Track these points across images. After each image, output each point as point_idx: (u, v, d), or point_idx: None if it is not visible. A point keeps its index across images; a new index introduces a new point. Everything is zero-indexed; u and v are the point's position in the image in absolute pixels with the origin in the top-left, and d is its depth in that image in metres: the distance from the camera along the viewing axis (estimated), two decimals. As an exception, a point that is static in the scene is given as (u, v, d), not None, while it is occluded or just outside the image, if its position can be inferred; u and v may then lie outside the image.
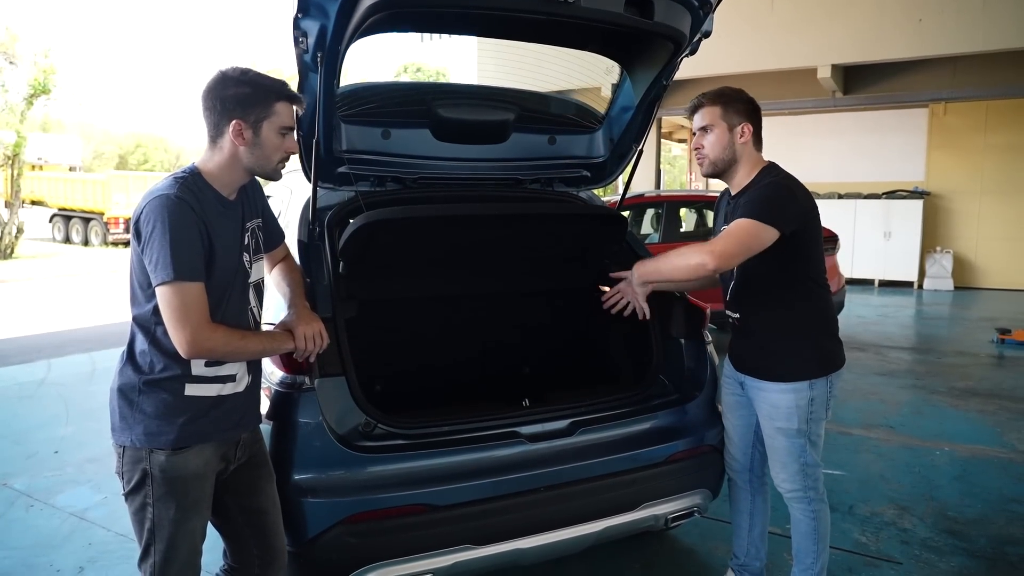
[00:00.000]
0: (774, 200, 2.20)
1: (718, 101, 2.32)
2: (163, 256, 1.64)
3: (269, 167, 1.86)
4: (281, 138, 1.83)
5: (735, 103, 2.31)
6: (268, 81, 1.81)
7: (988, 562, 3.04)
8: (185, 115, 75.63)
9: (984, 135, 12.56)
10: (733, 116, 2.30)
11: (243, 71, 1.79)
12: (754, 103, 2.35)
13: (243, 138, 1.79)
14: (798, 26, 10.49)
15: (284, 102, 1.82)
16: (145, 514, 1.77)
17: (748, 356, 2.43)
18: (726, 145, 2.31)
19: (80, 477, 4.01)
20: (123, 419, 1.78)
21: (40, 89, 18.89)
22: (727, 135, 2.30)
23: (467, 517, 2.19)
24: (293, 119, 1.86)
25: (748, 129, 2.30)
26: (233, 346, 1.78)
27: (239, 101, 1.77)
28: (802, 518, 2.43)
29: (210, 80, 1.79)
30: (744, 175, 2.35)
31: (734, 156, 2.33)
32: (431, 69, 37.18)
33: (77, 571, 2.98)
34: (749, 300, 2.39)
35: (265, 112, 1.79)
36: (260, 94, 1.79)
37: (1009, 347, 7.60)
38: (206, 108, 1.79)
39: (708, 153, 2.35)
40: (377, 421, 2.27)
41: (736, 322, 2.45)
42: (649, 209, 8.53)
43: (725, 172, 2.37)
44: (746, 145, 2.32)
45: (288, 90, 1.84)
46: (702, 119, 2.34)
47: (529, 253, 3.11)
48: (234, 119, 1.77)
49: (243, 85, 1.77)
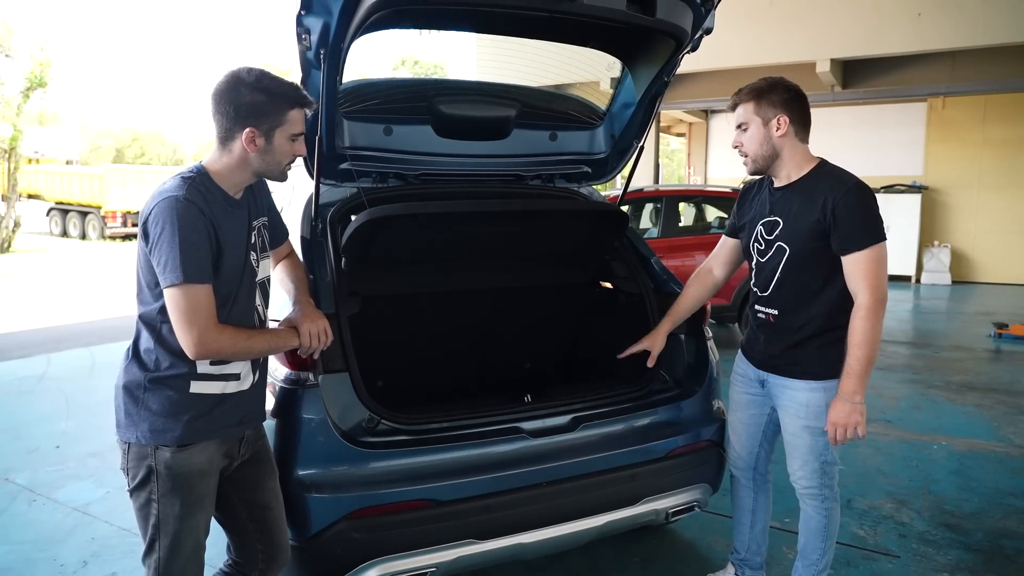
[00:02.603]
0: (876, 213, 2.16)
1: (751, 96, 2.24)
2: (172, 259, 1.65)
3: (277, 171, 1.87)
4: (291, 143, 1.84)
5: (769, 95, 2.22)
6: (282, 88, 1.79)
7: (985, 555, 3.06)
8: (182, 109, 75.47)
9: (983, 129, 12.59)
10: (767, 109, 2.22)
11: (258, 77, 1.76)
12: (794, 91, 2.25)
13: (255, 145, 1.78)
14: (797, 20, 10.47)
15: (297, 109, 1.82)
16: (150, 510, 1.79)
17: (778, 354, 2.34)
18: (763, 140, 2.24)
19: (82, 472, 4.02)
20: (128, 416, 1.79)
21: (36, 82, 18.82)
22: (762, 130, 2.23)
23: (470, 512, 2.20)
24: (304, 124, 1.86)
25: (784, 120, 2.21)
26: (240, 346, 1.79)
27: (253, 109, 1.75)
28: (814, 515, 2.40)
29: (222, 81, 1.76)
30: (792, 169, 2.27)
31: (774, 151, 2.25)
32: (429, 63, 37.08)
33: (81, 565, 2.99)
34: (792, 299, 2.29)
35: (278, 121, 1.79)
36: (274, 103, 1.77)
37: (1006, 341, 7.64)
38: (218, 111, 1.77)
39: (747, 151, 2.28)
40: (380, 417, 2.28)
41: (770, 319, 2.35)
42: (648, 203, 8.53)
43: (769, 167, 2.29)
44: (785, 137, 2.23)
45: (302, 97, 1.83)
46: (738, 117, 2.29)
47: (530, 249, 3.12)
48: (247, 127, 1.76)
49: (258, 92, 1.75)
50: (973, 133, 12.62)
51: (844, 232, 2.14)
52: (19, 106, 19.21)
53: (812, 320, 2.26)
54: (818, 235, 2.18)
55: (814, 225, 2.18)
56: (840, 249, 2.16)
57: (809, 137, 2.30)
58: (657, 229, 7.83)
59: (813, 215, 2.18)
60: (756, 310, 2.42)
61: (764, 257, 2.34)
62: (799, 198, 2.24)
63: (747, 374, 2.50)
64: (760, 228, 2.35)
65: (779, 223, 2.28)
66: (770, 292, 2.33)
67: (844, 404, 2.15)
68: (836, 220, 2.14)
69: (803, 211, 2.22)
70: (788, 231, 2.26)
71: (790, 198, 2.27)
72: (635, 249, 3.04)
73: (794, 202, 2.25)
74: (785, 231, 2.26)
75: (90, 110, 64.60)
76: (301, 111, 1.83)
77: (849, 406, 2.14)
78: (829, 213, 2.14)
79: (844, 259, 2.16)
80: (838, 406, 2.16)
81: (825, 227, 2.16)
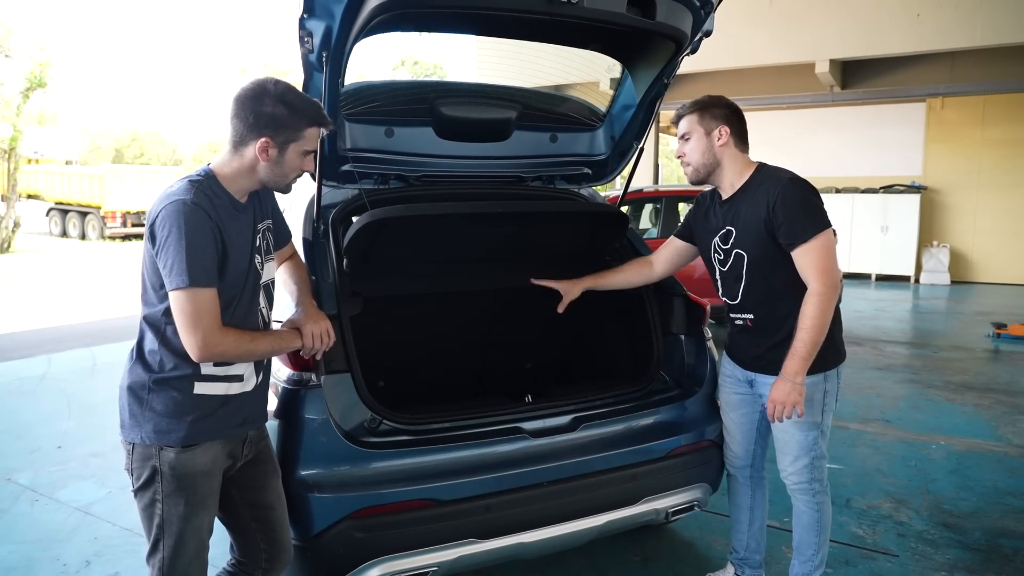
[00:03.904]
0: (814, 203, 2.24)
1: (694, 109, 2.39)
2: (178, 262, 1.67)
3: (283, 183, 1.89)
4: (302, 159, 1.86)
5: (711, 108, 2.36)
6: (305, 106, 1.81)
7: (983, 554, 3.08)
8: (181, 109, 75.46)
9: (981, 130, 12.61)
10: (709, 121, 2.35)
11: (284, 91, 1.78)
12: (732, 107, 2.39)
13: (267, 155, 1.80)
14: (796, 21, 10.50)
15: (315, 128, 1.84)
16: (154, 510, 1.80)
17: (762, 354, 2.40)
18: (705, 150, 2.36)
19: (84, 472, 4.04)
20: (133, 417, 1.80)
21: (36, 83, 18.85)
22: (705, 140, 2.36)
23: (471, 512, 2.22)
24: (317, 143, 1.88)
25: (726, 131, 2.34)
26: (243, 349, 1.81)
27: (272, 120, 1.77)
28: (806, 510, 2.45)
29: (248, 88, 1.78)
30: (734, 176, 2.37)
31: (715, 159, 2.36)
32: (428, 63, 37.08)
33: (83, 565, 3.01)
34: (765, 300, 2.36)
35: (295, 136, 1.81)
36: (295, 119, 1.79)
37: (1005, 341, 7.66)
38: (237, 116, 1.79)
39: (690, 160, 2.40)
40: (382, 417, 2.29)
41: (748, 323, 2.41)
42: (648, 204, 8.55)
43: (711, 175, 2.40)
44: (726, 147, 2.35)
45: (323, 117, 1.85)
46: (682, 128, 2.42)
47: (531, 250, 3.13)
48: (263, 136, 1.78)
49: (281, 105, 1.77)
50: (972, 133, 12.65)
51: (786, 227, 2.22)
52: (19, 106, 19.25)
53: (789, 317, 2.31)
54: (768, 235, 2.27)
55: (762, 227, 2.27)
56: (787, 244, 2.24)
57: (748, 149, 2.41)
58: (657, 229, 7.85)
59: (760, 217, 2.27)
60: (732, 317, 2.49)
61: (726, 267, 2.42)
62: (745, 204, 2.34)
63: (735, 375, 2.54)
64: (716, 240, 2.44)
65: (732, 231, 2.38)
66: (740, 299, 2.41)
67: (785, 383, 2.22)
68: (777, 217, 2.23)
69: (750, 215, 2.31)
70: (741, 237, 2.35)
71: (737, 206, 2.37)
72: (635, 250, 3.05)
73: (741, 209, 2.35)
74: (739, 238, 2.36)
75: (90, 110, 64.66)
76: (318, 130, 1.85)
77: (790, 385, 2.21)
78: (771, 211, 2.24)
79: (793, 253, 2.24)
80: (779, 385, 2.23)
81: (772, 226, 2.25)
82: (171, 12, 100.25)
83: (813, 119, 13.72)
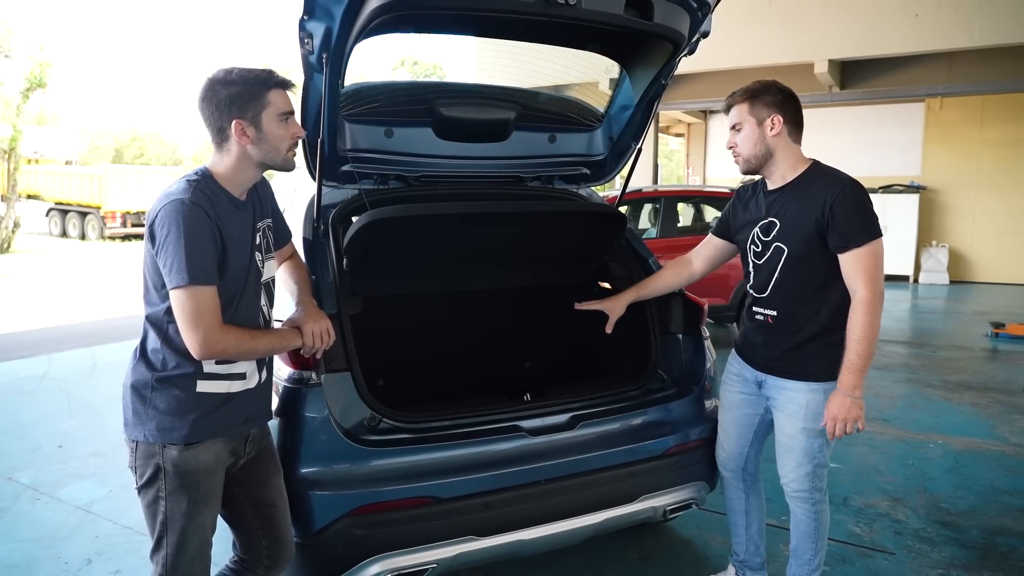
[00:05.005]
0: (871, 210, 2.18)
1: (745, 97, 2.28)
2: (177, 261, 1.68)
3: (279, 157, 1.88)
4: (284, 124, 1.85)
5: (763, 96, 2.26)
6: (255, 73, 1.82)
7: (979, 552, 3.10)
8: (180, 109, 75.40)
9: (980, 130, 12.63)
10: (762, 109, 2.25)
11: (227, 71, 1.81)
12: (787, 92, 2.28)
13: (247, 136, 1.81)
14: (795, 21, 10.51)
15: (276, 89, 1.84)
16: (158, 507, 1.82)
17: (778, 355, 2.34)
18: (757, 140, 2.27)
19: (84, 471, 4.05)
20: (136, 415, 1.82)
21: (36, 83, 18.85)
22: (756, 130, 2.26)
23: (470, 509, 2.23)
24: (290, 103, 1.87)
25: (779, 120, 2.24)
26: (244, 346, 1.82)
27: (232, 100, 1.79)
28: (804, 518, 2.41)
29: (201, 90, 1.81)
30: (787, 169, 2.30)
31: (768, 150, 2.28)
32: (428, 63, 37.09)
33: (85, 563, 3.02)
34: (790, 299, 2.30)
35: (260, 104, 1.81)
36: (250, 88, 1.80)
37: (1003, 341, 7.67)
38: (205, 116, 1.82)
39: (741, 151, 2.31)
40: (382, 416, 2.31)
41: (769, 320, 2.35)
42: (647, 204, 8.56)
43: (763, 167, 2.32)
44: (779, 137, 2.26)
45: (277, 77, 1.85)
46: (733, 118, 2.32)
47: (530, 250, 3.15)
48: (234, 119, 1.79)
49: (232, 84, 1.79)
50: (971, 133, 12.66)
51: (842, 229, 2.16)
52: (19, 106, 19.24)
53: (811, 321, 2.27)
54: (816, 234, 2.20)
55: (812, 224, 2.20)
56: (838, 246, 2.18)
57: (802, 139, 2.33)
58: (656, 229, 7.86)
59: (811, 214, 2.20)
60: (754, 312, 2.43)
61: (761, 259, 2.35)
62: (795, 198, 2.26)
63: (743, 374, 2.50)
64: (757, 230, 2.36)
65: (776, 224, 2.30)
66: (768, 293, 2.35)
67: (844, 398, 2.15)
68: (834, 218, 2.16)
69: (800, 211, 2.24)
70: (786, 231, 2.27)
71: (786, 199, 2.29)
72: (633, 250, 3.07)
73: (791, 202, 2.27)
74: (782, 231, 2.28)
75: (89, 110, 64.63)
76: (282, 91, 1.85)
77: (849, 400, 2.14)
78: (827, 211, 2.16)
79: (842, 257, 2.18)
80: (838, 400, 2.16)
81: (823, 226, 2.18)
82: (170, 12, 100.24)
83: (812, 119, 13.38)
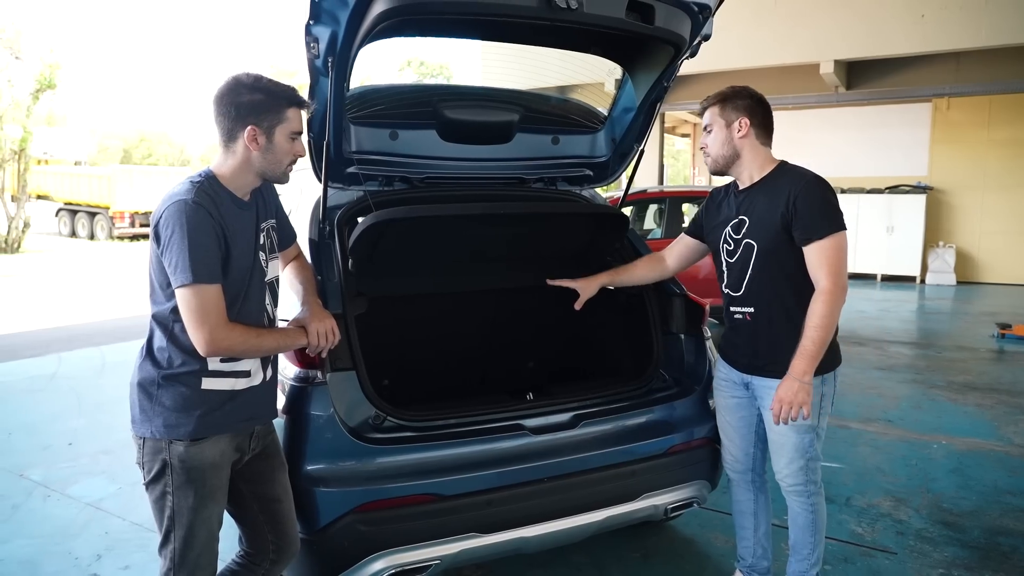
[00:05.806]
0: (833, 203, 2.26)
1: (716, 100, 2.40)
2: (182, 260, 1.72)
3: (279, 171, 1.94)
4: (291, 143, 1.91)
5: (733, 100, 2.37)
6: (280, 88, 1.88)
7: (981, 552, 3.11)
8: (188, 110, 75.78)
9: (987, 130, 12.58)
10: (731, 112, 2.36)
11: (256, 78, 1.86)
12: (757, 97, 2.39)
13: (257, 143, 1.86)
14: (801, 21, 10.51)
15: (295, 108, 1.90)
16: (165, 502, 1.85)
17: (758, 355, 2.40)
18: (724, 141, 2.38)
19: (94, 468, 4.10)
20: (143, 412, 1.86)
21: (46, 84, 18.99)
22: (725, 131, 2.37)
23: (473, 506, 2.26)
24: (302, 124, 1.93)
25: (746, 123, 2.35)
26: (249, 344, 1.86)
27: (253, 108, 1.83)
28: (800, 511, 2.45)
29: (223, 85, 1.85)
30: (754, 169, 2.39)
31: (735, 151, 2.38)
32: (434, 64, 37.17)
33: (95, 559, 3.07)
34: (764, 293, 2.36)
35: (278, 118, 1.86)
36: (273, 101, 1.85)
37: (1009, 342, 7.65)
38: (220, 113, 1.85)
39: (710, 151, 2.44)
40: (386, 414, 2.34)
41: (747, 317, 2.41)
42: (652, 204, 8.58)
43: (730, 167, 2.42)
44: (746, 139, 2.36)
45: (299, 97, 1.91)
46: (705, 119, 2.44)
47: (533, 250, 3.18)
48: (248, 125, 1.84)
49: (257, 92, 1.84)
50: (978, 134, 12.61)
51: (804, 222, 2.24)
52: (29, 107, 19.38)
53: (786, 316, 2.32)
54: (782, 229, 2.28)
55: (778, 219, 2.28)
56: (802, 239, 2.25)
57: (771, 142, 2.42)
58: (661, 230, 7.88)
59: (777, 209, 2.29)
60: (732, 312, 2.49)
61: (733, 257, 2.43)
62: (763, 195, 2.36)
63: (730, 378, 2.54)
64: (728, 229, 2.45)
65: (746, 221, 2.39)
66: (743, 291, 2.42)
67: (793, 382, 2.21)
68: (797, 211, 2.25)
69: (767, 207, 2.33)
70: (755, 227, 2.36)
71: (754, 197, 2.39)
72: (635, 250, 3.09)
73: (758, 200, 2.36)
74: (752, 228, 2.37)
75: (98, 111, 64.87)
76: (299, 111, 1.91)
77: (798, 384, 2.20)
78: (791, 205, 2.25)
79: (806, 249, 2.26)
80: (787, 383, 2.22)
81: (788, 220, 2.27)
82: (178, 14, 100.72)
83: (818, 119, 13.70)
